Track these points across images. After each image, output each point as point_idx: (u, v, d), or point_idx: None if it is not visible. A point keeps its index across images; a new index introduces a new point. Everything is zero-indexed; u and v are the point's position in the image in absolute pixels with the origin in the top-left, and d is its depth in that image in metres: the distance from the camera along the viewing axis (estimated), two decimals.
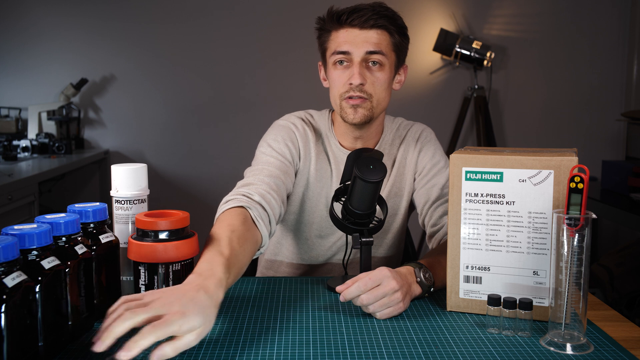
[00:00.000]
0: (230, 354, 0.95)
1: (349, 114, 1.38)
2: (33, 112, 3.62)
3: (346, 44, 1.36)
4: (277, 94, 3.85)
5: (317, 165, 1.48)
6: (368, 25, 1.35)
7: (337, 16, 1.37)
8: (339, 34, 1.38)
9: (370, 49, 1.35)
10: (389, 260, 1.55)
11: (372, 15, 1.35)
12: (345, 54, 1.36)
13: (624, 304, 2.54)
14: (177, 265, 1.07)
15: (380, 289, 1.07)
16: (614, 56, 3.91)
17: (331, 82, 1.41)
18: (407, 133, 1.53)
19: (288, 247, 1.55)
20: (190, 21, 3.79)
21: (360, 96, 1.36)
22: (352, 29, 1.36)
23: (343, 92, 1.38)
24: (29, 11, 3.75)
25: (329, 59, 1.40)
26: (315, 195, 1.49)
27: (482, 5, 3.86)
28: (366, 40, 1.35)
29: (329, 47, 1.40)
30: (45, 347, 0.89)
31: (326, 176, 1.49)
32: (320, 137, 1.50)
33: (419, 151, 1.51)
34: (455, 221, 1.11)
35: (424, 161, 1.49)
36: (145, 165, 1.19)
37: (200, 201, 3.82)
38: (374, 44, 1.35)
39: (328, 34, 1.40)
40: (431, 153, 1.50)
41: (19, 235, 0.89)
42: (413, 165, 1.51)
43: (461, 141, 3.90)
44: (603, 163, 3.08)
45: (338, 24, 1.37)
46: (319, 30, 1.44)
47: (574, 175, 0.95)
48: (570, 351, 0.95)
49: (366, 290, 1.07)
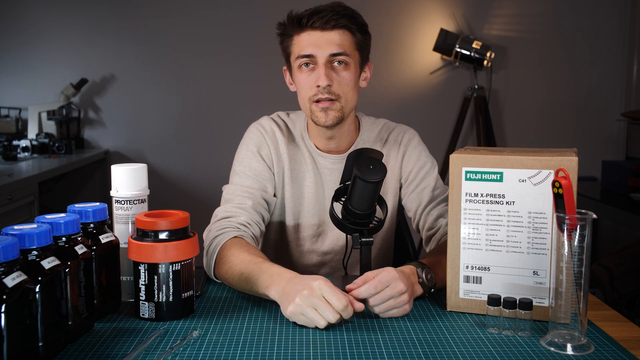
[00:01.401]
0: (230, 354, 0.95)
1: (320, 118, 1.38)
2: (33, 112, 3.61)
3: (309, 47, 1.35)
4: (278, 94, 3.84)
5: (292, 165, 1.48)
6: (329, 26, 1.34)
7: (298, 20, 1.36)
8: (300, 37, 1.37)
9: (334, 50, 1.34)
10: (378, 261, 1.55)
11: (332, 15, 1.34)
12: (310, 57, 1.36)
13: (624, 304, 2.54)
14: (177, 265, 1.07)
15: (388, 291, 1.07)
16: (614, 56, 3.91)
17: (298, 86, 1.41)
18: (389, 136, 1.52)
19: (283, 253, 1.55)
20: (190, 21, 3.79)
21: (329, 98, 1.36)
22: (314, 32, 1.35)
23: (311, 95, 1.37)
24: (29, 11, 3.75)
25: (294, 63, 1.40)
26: (294, 196, 1.49)
27: (482, 5, 3.86)
28: (329, 42, 1.35)
29: (292, 52, 1.40)
30: (45, 347, 0.89)
31: (300, 177, 1.49)
32: (294, 138, 1.50)
33: (402, 155, 1.50)
34: (455, 221, 1.11)
35: (409, 165, 1.49)
36: (145, 165, 1.19)
37: (200, 201, 3.82)
38: (337, 45, 1.35)
39: (290, 38, 1.40)
40: (416, 156, 1.49)
41: (19, 235, 0.89)
42: (397, 170, 1.50)
43: (461, 141, 3.89)
44: (603, 163, 3.08)
45: (299, 28, 1.37)
46: (280, 36, 1.43)
47: (554, 180, 0.95)
48: (570, 351, 0.95)
49: (376, 293, 1.07)
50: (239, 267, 1.21)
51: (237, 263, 1.22)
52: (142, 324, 1.08)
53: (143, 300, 1.08)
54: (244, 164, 1.46)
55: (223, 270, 1.25)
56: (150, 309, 1.08)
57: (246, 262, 1.20)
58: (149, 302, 1.08)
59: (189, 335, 1.01)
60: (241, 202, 1.40)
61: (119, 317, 1.11)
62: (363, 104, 1.44)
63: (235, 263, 1.22)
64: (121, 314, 1.13)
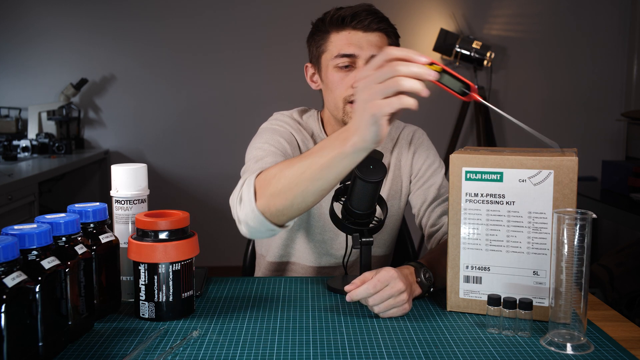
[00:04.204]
0: (230, 354, 0.95)
1: None
2: (33, 112, 3.62)
3: (351, 47, 1.35)
4: (279, 94, 3.85)
5: None
6: (371, 28, 1.35)
7: (340, 18, 1.36)
8: (340, 36, 1.36)
9: (374, 52, 1.34)
10: (384, 259, 1.55)
11: (373, 19, 1.35)
12: (351, 56, 1.35)
13: (624, 304, 2.54)
14: (177, 265, 1.07)
15: (387, 290, 1.07)
16: (614, 56, 3.91)
17: (331, 84, 1.39)
18: (400, 135, 1.53)
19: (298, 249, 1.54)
20: (191, 21, 3.79)
21: None
22: (356, 32, 1.35)
23: (348, 95, 1.36)
24: (29, 11, 3.75)
25: (330, 62, 1.38)
26: None
27: (482, 5, 3.86)
28: (370, 44, 1.35)
29: (327, 49, 1.39)
30: (45, 347, 0.89)
31: None
32: (307, 137, 1.49)
33: (413, 153, 1.52)
34: (455, 221, 1.11)
35: (419, 163, 1.50)
36: (145, 165, 1.19)
37: (200, 201, 3.82)
38: (377, 47, 1.35)
39: (327, 35, 1.38)
40: (425, 154, 1.51)
41: (19, 235, 0.89)
42: (408, 168, 1.51)
43: (461, 141, 3.90)
44: (603, 163, 3.08)
45: (341, 26, 1.36)
46: (315, 32, 1.42)
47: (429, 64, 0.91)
48: (570, 351, 0.95)
49: (375, 292, 1.07)
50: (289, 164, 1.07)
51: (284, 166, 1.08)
52: (142, 324, 1.08)
53: (143, 300, 1.08)
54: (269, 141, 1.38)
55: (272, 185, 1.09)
56: (150, 309, 1.08)
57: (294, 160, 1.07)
58: (149, 302, 1.08)
59: (189, 335, 1.01)
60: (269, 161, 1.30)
61: (119, 317, 1.11)
62: None
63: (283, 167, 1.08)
64: (121, 314, 1.13)
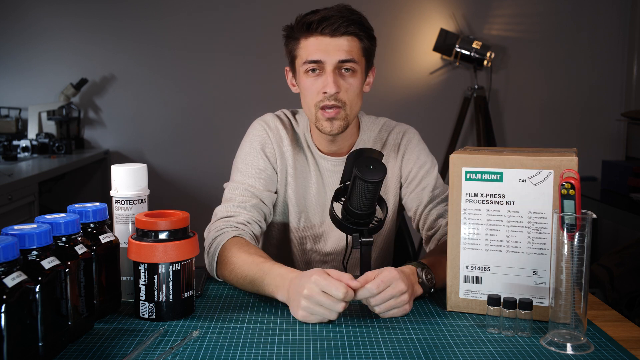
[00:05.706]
0: (230, 354, 0.95)
1: (326, 127, 1.37)
2: (33, 112, 3.61)
3: (318, 53, 1.34)
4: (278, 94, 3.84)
5: (295, 164, 1.47)
6: (339, 33, 1.33)
7: (307, 24, 1.35)
8: (308, 42, 1.35)
9: (342, 57, 1.33)
10: (378, 261, 1.55)
11: (342, 22, 1.33)
12: (317, 62, 1.34)
13: (624, 304, 2.54)
14: (177, 265, 1.07)
15: (389, 291, 1.07)
16: (614, 56, 3.91)
17: (303, 90, 1.39)
18: (389, 136, 1.52)
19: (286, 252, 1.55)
20: (191, 21, 3.79)
21: (335, 105, 1.34)
22: (323, 37, 1.34)
23: (318, 101, 1.36)
24: (29, 11, 3.75)
25: (300, 67, 1.38)
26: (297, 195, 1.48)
27: (482, 5, 3.86)
28: (338, 49, 1.33)
29: (298, 55, 1.38)
30: (45, 347, 0.89)
31: (303, 177, 1.49)
32: (298, 138, 1.50)
33: (402, 155, 1.50)
34: (455, 221, 1.11)
35: (409, 165, 1.48)
36: (145, 165, 1.19)
37: (200, 201, 3.82)
38: (345, 52, 1.33)
39: (296, 41, 1.38)
40: (415, 156, 1.48)
41: (19, 235, 0.89)
42: (397, 170, 1.50)
43: (461, 141, 3.89)
44: (603, 163, 3.08)
45: (308, 32, 1.35)
46: (286, 38, 1.41)
47: (564, 181, 0.94)
48: (570, 351, 0.95)
49: (378, 293, 1.07)
50: (241, 269, 1.23)
51: (239, 265, 1.23)
52: (142, 324, 1.08)
53: (143, 300, 1.08)
54: (247, 161, 1.46)
55: (227, 272, 1.26)
56: (150, 309, 1.08)
57: (248, 264, 1.22)
58: (149, 302, 1.08)
59: (189, 335, 1.01)
60: (242, 201, 1.40)
61: (119, 317, 1.11)
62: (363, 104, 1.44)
63: (238, 265, 1.24)
64: (121, 314, 1.13)
